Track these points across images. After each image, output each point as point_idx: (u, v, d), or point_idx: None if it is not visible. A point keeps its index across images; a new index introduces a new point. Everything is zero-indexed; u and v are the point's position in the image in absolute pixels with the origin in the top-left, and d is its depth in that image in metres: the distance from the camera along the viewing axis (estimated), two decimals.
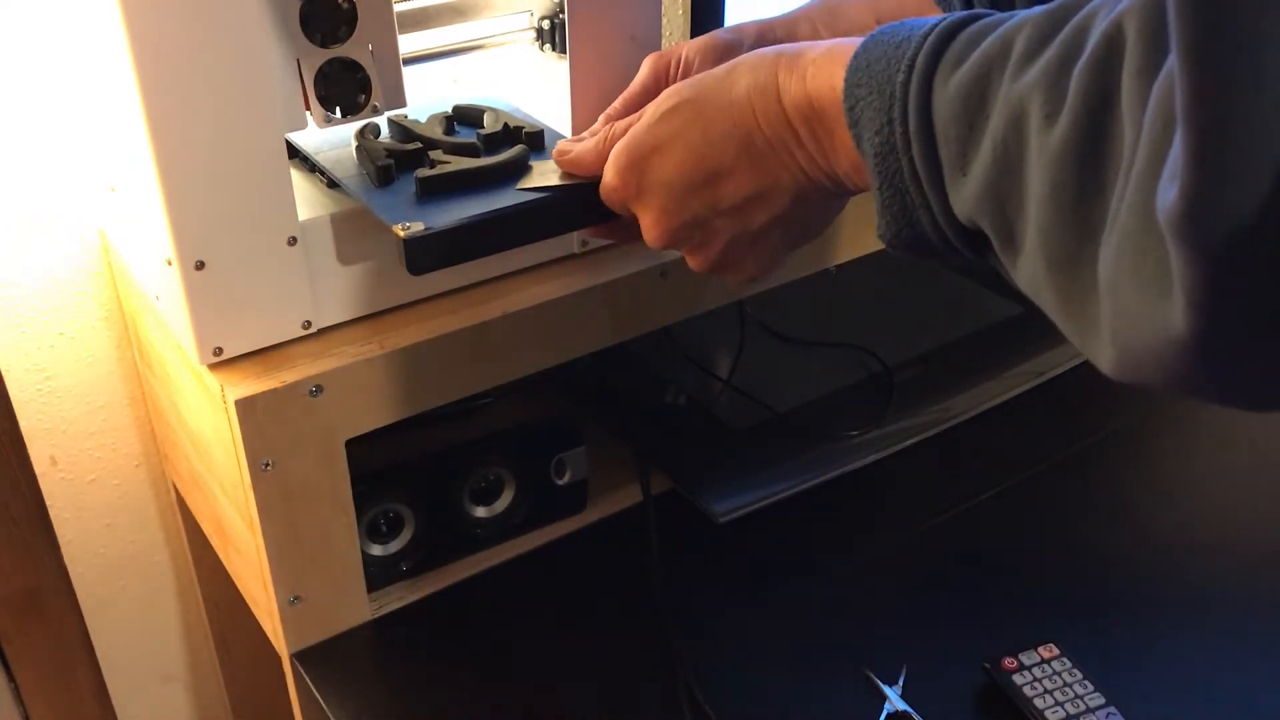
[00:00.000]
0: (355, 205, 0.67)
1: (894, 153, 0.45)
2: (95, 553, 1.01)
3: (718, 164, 0.53)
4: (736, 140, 0.52)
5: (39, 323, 0.90)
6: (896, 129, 0.44)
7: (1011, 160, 0.40)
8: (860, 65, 0.46)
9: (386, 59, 0.66)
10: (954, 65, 0.42)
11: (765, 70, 0.51)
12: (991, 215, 0.41)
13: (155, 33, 0.57)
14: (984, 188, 0.41)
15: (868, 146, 0.46)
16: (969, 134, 0.41)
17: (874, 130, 0.45)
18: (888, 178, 0.46)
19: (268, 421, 0.66)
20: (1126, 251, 0.34)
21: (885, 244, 0.48)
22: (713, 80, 0.54)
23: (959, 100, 0.42)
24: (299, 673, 0.74)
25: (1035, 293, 0.41)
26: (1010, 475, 0.89)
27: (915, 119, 0.43)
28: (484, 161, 0.64)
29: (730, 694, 0.70)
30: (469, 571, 0.81)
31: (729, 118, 0.52)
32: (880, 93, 0.45)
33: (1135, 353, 0.36)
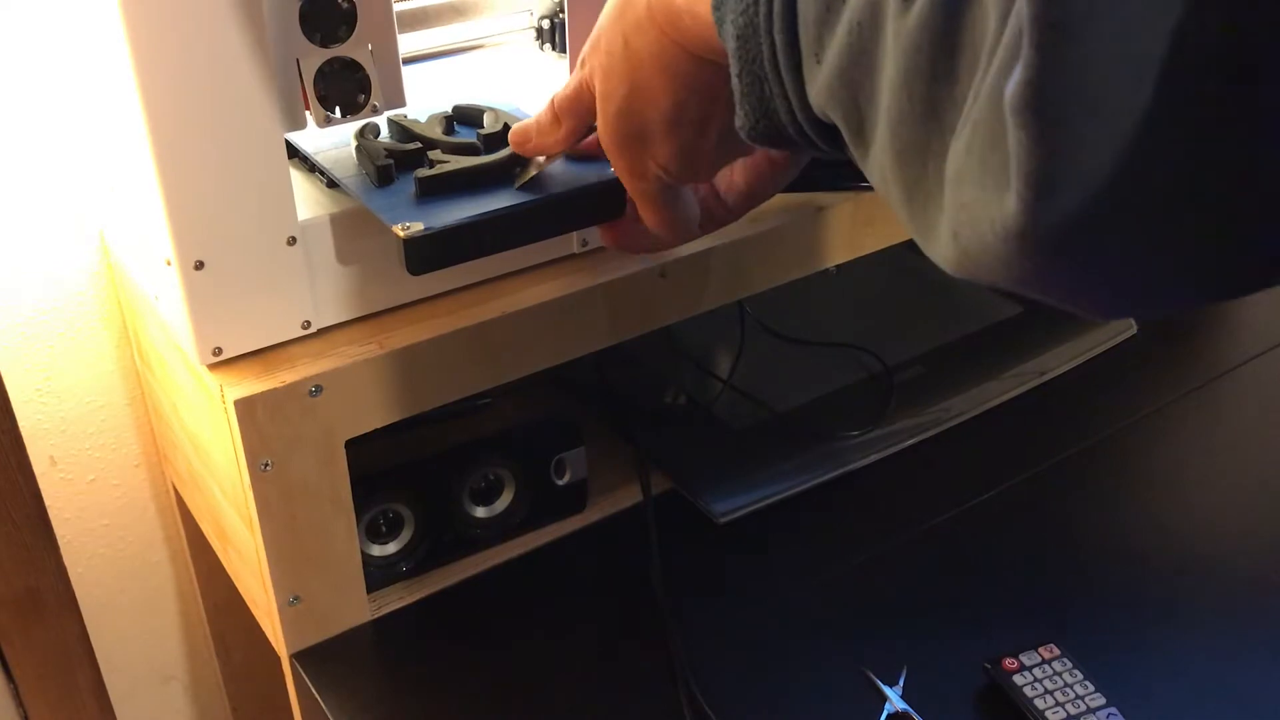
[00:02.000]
0: (355, 205, 0.67)
1: (756, 35, 0.43)
2: (95, 553, 1.01)
3: (697, 120, 0.53)
4: (690, 100, 0.52)
5: (38, 323, 0.90)
6: (761, 9, 0.42)
7: (866, 45, 0.38)
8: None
9: (386, 59, 0.66)
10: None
11: (651, 35, 0.51)
12: (844, 105, 0.40)
13: (155, 32, 0.57)
14: (837, 75, 0.39)
15: (729, 28, 0.44)
16: (826, 15, 0.39)
17: (738, 12, 0.43)
18: (747, 63, 0.44)
19: (267, 422, 0.66)
20: (976, 142, 0.33)
21: (743, 135, 0.46)
22: (620, 64, 0.53)
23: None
24: (298, 673, 0.74)
25: (883, 188, 0.40)
26: (1010, 475, 0.89)
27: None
28: (483, 160, 0.64)
29: (730, 694, 0.70)
30: (469, 571, 0.81)
31: (667, 90, 0.52)
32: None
33: (975, 251, 0.35)
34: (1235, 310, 1.13)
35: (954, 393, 0.97)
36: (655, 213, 0.59)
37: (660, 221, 0.59)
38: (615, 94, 0.54)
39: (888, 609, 0.77)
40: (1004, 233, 0.32)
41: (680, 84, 0.51)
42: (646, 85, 0.52)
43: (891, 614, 0.77)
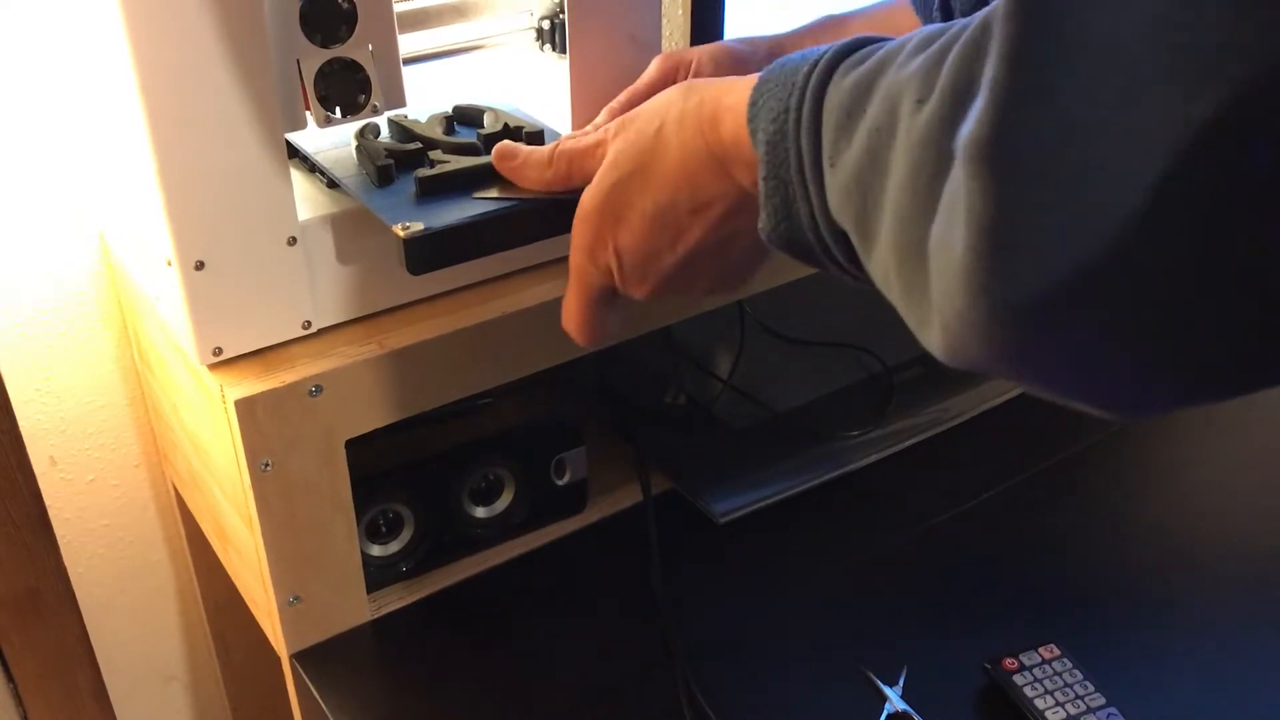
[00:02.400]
0: (355, 205, 0.67)
1: (784, 141, 0.45)
2: (95, 553, 1.01)
3: (676, 224, 0.53)
4: (684, 204, 0.52)
5: (39, 323, 0.90)
6: (791, 116, 0.44)
7: (880, 149, 0.39)
8: (773, 68, 0.47)
9: (386, 59, 0.66)
10: (857, 63, 0.43)
11: (690, 128, 0.51)
12: (855, 206, 0.41)
13: (155, 32, 0.57)
14: (852, 177, 0.41)
15: (761, 136, 0.46)
16: (847, 122, 0.41)
17: (770, 119, 0.45)
18: (774, 167, 0.45)
19: (267, 421, 0.66)
20: (944, 214, 0.34)
21: (764, 238, 0.47)
22: (646, 143, 0.53)
23: (848, 90, 0.42)
24: (298, 673, 0.74)
25: (886, 286, 0.41)
26: (1010, 475, 0.89)
27: (809, 106, 0.43)
28: (483, 160, 0.64)
29: (730, 694, 0.70)
30: (469, 571, 0.81)
31: (671, 186, 0.52)
32: (783, 86, 0.45)
33: (954, 326, 0.35)
34: None
35: (953, 393, 0.97)
36: (581, 305, 0.58)
37: (580, 316, 0.58)
38: (622, 167, 0.54)
39: (888, 609, 0.77)
40: (962, 285, 0.33)
41: (684, 183, 0.52)
42: (654, 173, 0.52)
43: (891, 614, 0.77)
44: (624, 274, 0.55)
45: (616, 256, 0.55)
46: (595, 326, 0.59)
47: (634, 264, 0.54)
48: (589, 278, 0.57)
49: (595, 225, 0.55)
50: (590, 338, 0.59)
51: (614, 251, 0.55)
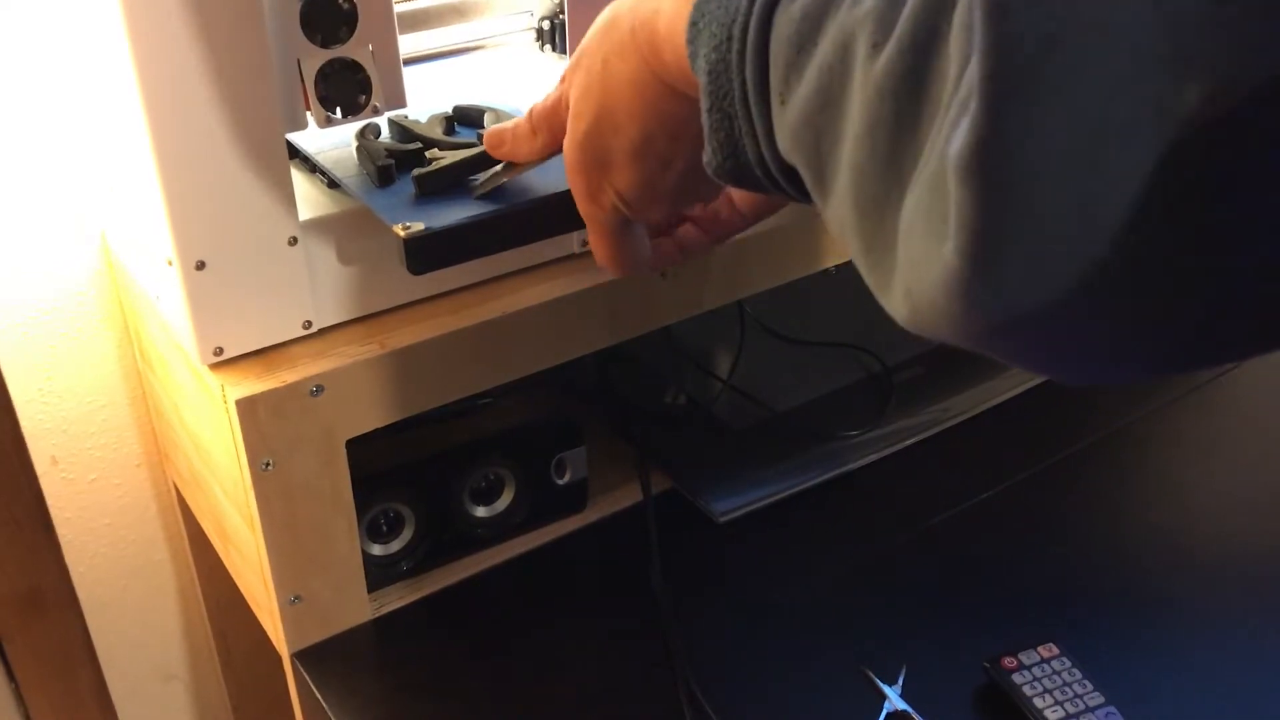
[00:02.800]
0: (355, 205, 0.67)
1: (728, 71, 0.42)
2: (95, 552, 1.01)
3: (661, 153, 0.52)
4: (659, 134, 0.51)
5: (40, 323, 0.90)
6: (734, 46, 0.41)
7: (834, 92, 0.37)
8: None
9: (387, 59, 0.66)
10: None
11: (633, 60, 0.50)
12: (807, 150, 0.39)
13: (155, 33, 0.57)
14: (802, 119, 0.38)
15: (703, 64, 0.43)
16: (796, 58, 0.38)
17: (711, 47, 0.42)
18: (718, 99, 0.43)
19: (268, 421, 0.66)
20: (926, 194, 0.33)
21: (710, 171, 0.45)
22: (596, 84, 0.52)
23: (797, 22, 0.39)
24: (299, 672, 0.74)
25: (842, 238, 0.39)
26: (1010, 475, 0.89)
27: (754, 36, 0.40)
28: (477, 150, 0.64)
29: (730, 694, 0.70)
30: (469, 571, 0.81)
31: (639, 120, 0.51)
32: (726, 8, 0.42)
33: (924, 307, 0.34)
34: None
35: (953, 393, 0.97)
36: (604, 243, 0.58)
37: (607, 253, 0.58)
38: (586, 114, 0.53)
39: (888, 609, 0.78)
40: (946, 290, 0.32)
41: (651, 115, 0.50)
42: (618, 111, 0.51)
43: (891, 614, 0.77)
44: (632, 208, 0.55)
45: (618, 195, 0.54)
46: (626, 256, 0.59)
47: (636, 197, 0.54)
48: (600, 218, 0.57)
49: (585, 175, 0.54)
50: (625, 267, 0.59)
51: (613, 193, 0.54)
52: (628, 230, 0.57)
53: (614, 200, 0.55)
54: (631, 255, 0.59)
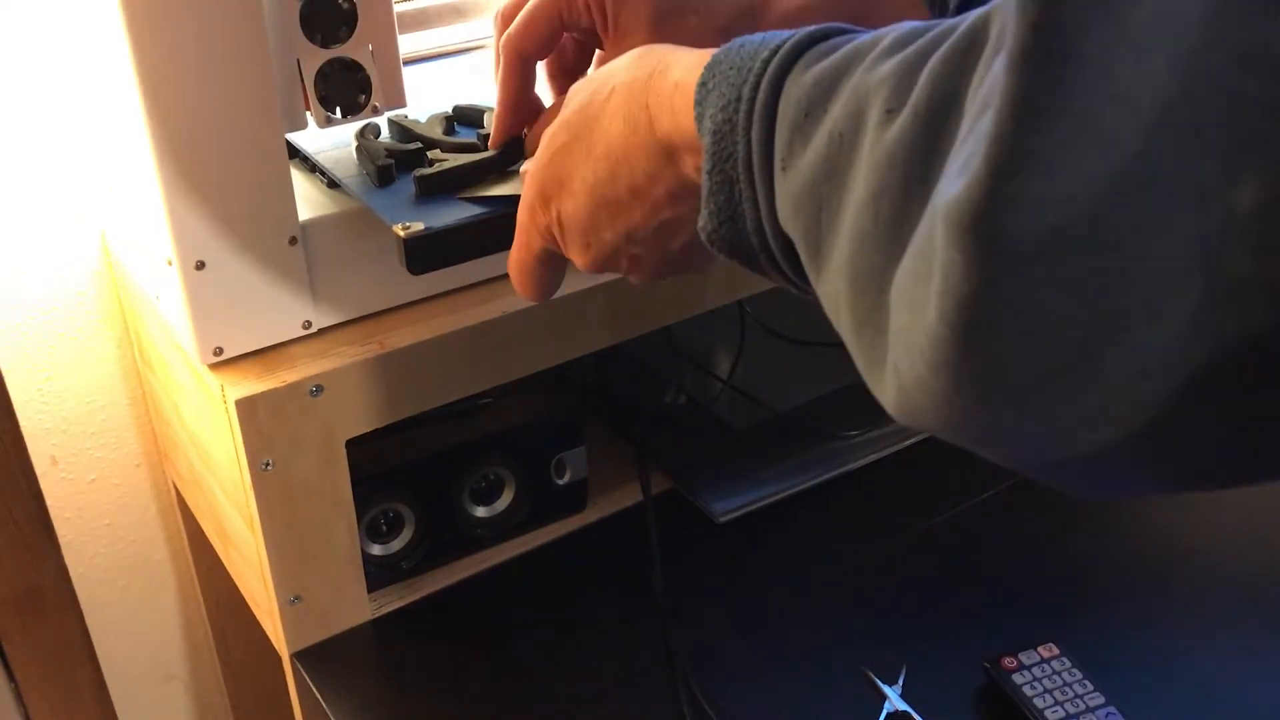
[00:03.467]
0: (355, 205, 0.67)
1: (733, 133, 0.40)
2: (95, 553, 1.01)
3: (616, 201, 0.49)
4: (623, 181, 0.48)
5: (39, 323, 0.90)
6: (743, 106, 0.39)
7: (841, 159, 0.35)
8: (730, 48, 0.42)
9: (386, 59, 0.66)
10: (823, 54, 0.38)
11: (637, 100, 0.47)
12: (807, 219, 0.36)
13: (156, 32, 0.57)
14: (805, 187, 0.36)
15: (708, 124, 0.41)
16: (804, 123, 0.37)
17: (719, 106, 0.40)
18: (720, 161, 0.40)
19: (268, 421, 0.66)
20: (916, 261, 0.30)
21: (704, 238, 0.43)
22: (595, 108, 0.49)
23: (810, 85, 0.37)
24: (299, 672, 0.74)
25: (835, 315, 0.37)
26: (1010, 475, 0.89)
27: (764, 98, 0.38)
28: (481, 156, 0.64)
29: (730, 694, 0.70)
30: (469, 571, 0.81)
31: (611, 159, 0.48)
32: (738, 70, 0.40)
33: (910, 386, 0.31)
34: None
35: None
36: (521, 258, 0.55)
37: (520, 271, 0.56)
38: (572, 128, 0.50)
39: (888, 609, 0.77)
40: (931, 360, 0.29)
41: (624, 159, 0.48)
42: (598, 141, 0.49)
43: (891, 614, 0.77)
44: (565, 239, 0.52)
45: (558, 221, 0.52)
46: (534, 283, 0.56)
47: (574, 231, 0.51)
48: (530, 236, 0.54)
49: (540, 184, 0.52)
50: (528, 293, 0.56)
51: (555, 215, 0.52)
52: (549, 260, 0.55)
53: (552, 225, 0.52)
54: (540, 284, 0.56)
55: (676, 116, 0.44)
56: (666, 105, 0.45)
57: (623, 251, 0.51)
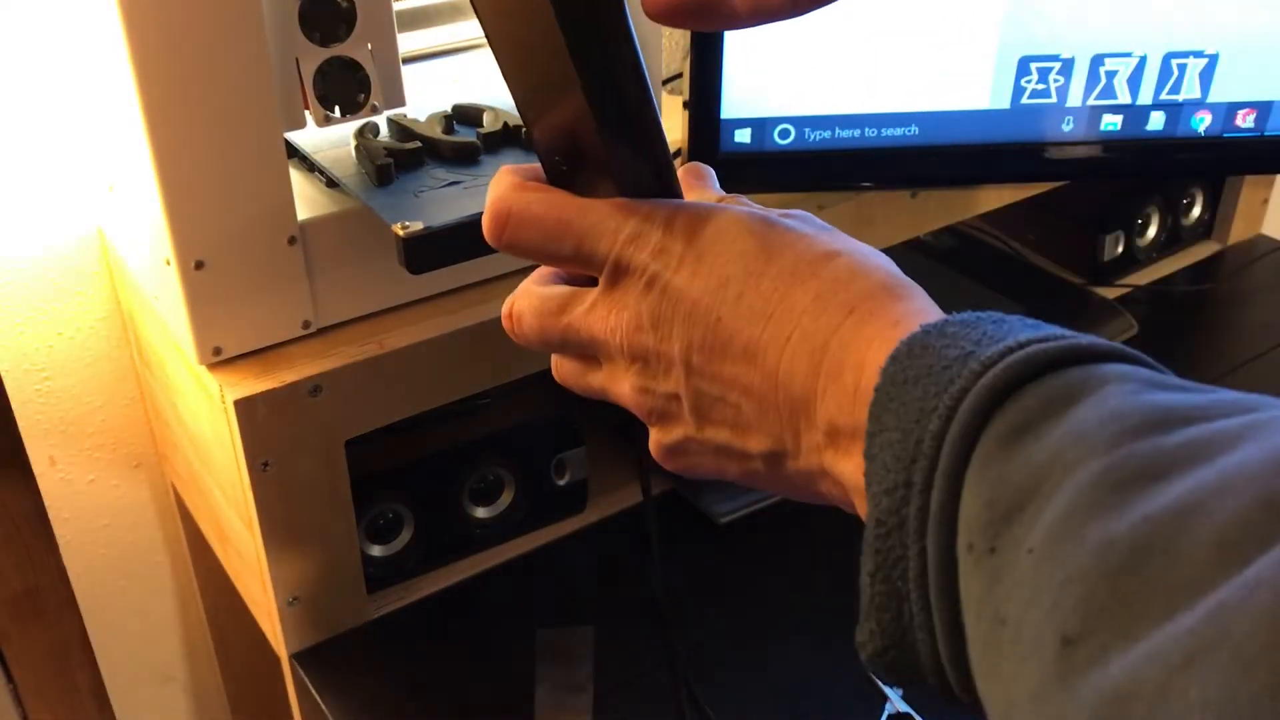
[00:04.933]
0: (355, 205, 0.67)
1: (902, 528, 0.30)
2: (95, 553, 1.01)
3: (728, 425, 0.38)
4: (754, 430, 0.37)
5: (38, 323, 0.90)
6: (913, 502, 0.29)
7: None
8: (908, 360, 0.31)
9: (386, 58, 0.66)
10: (1012, 435, 0.28)
11: (803, 353, 0.35)
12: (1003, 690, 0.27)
13: (154, 32, 0.57)
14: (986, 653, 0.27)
15: (871, 506, 0.31)
16: (1003, 541, 0.27)
17: (883, 489, 0.30)
18: (885, 565, 0.30)
19: (267, 422, 0.66)
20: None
21: (864, 658, 0.32)
22: (751, 309, 0.36)
23: (1011, 491, 0.27)
24: (298, 673, 0.74)
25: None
26: None
27: (940, 491, 0.29)
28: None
29: (730, 694, 0.70)
30: (469, 571, 0.81)
31: (753, 393, 0.36)
32: (905, 434, 0.30)
33: None
34: (1236, 311, 1.13)
35: None
36: (564, 373, 0.42)
37: (557, 367, 0.43)
38: (694, 276, 0.36)
39: None
40: None
41: (769, 409, 0.36)
42: (753, 352, 0.36)
43: None
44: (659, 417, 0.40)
45: (629, 387, 0.39)
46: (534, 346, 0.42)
47: (657, 402, 0.39)
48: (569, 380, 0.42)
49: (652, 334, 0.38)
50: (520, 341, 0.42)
51: (647, 357, 0.38)
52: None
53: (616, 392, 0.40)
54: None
55: (840, 420, 0.34)
56: (836, 390, 0.34)
57: (689, 449, 0.40)
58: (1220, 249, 1.22)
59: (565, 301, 0.40)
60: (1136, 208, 1.14)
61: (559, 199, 0.38)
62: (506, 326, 0.42)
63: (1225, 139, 0.82)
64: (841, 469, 0.34)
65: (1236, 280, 1.17)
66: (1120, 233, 1.12)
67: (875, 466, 0.31)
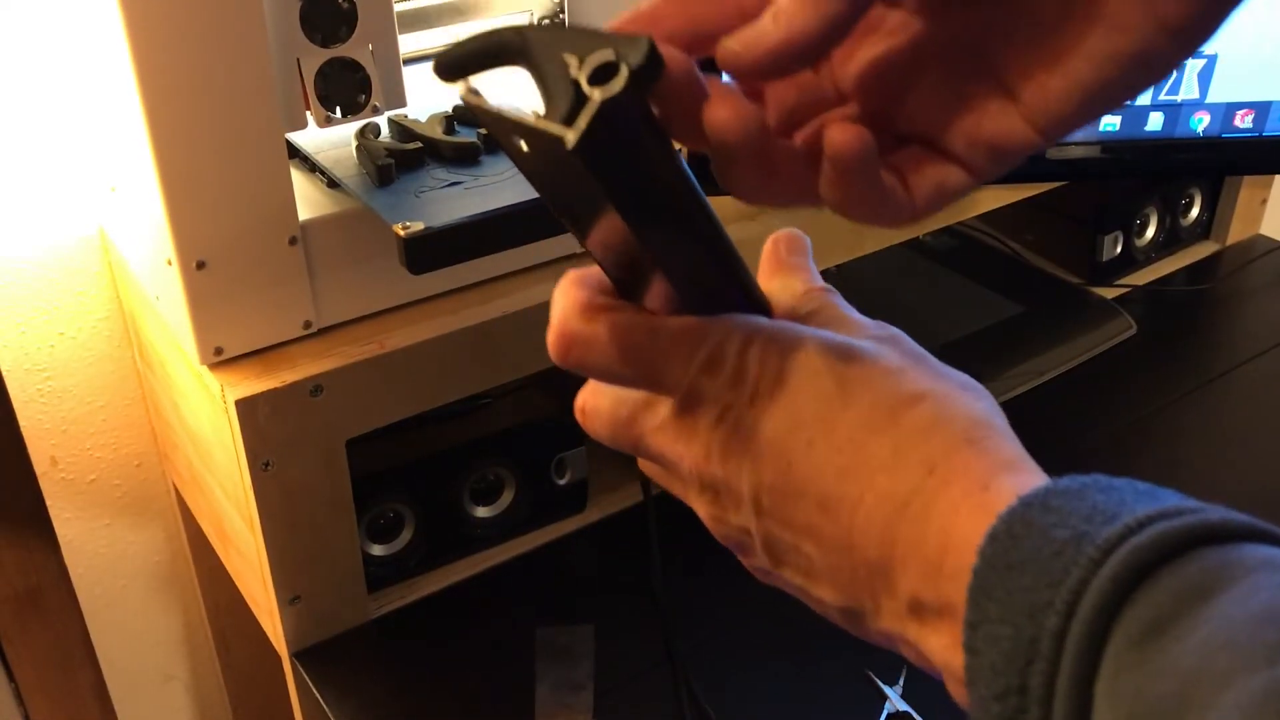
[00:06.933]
0: (356, 205, 0.67)
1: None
2: (95, 553, 1.01)
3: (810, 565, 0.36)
4: (844, 587, 0.35)
5: (39, 323, 0.90)
6: (1032, 708, 0.27)
7: None
8: (995, 561, 0.29)
9: (387, 59, 0.66)
10: (1146, 637, 0.25)
11: (888, 515, 0.32)
12: None
13: (155, 32, 0.57)
14: None
15: (978, 710, 0.29)
16: None
17: (993, 691, 0.28)
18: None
19: (268, 421, 0.66)
20: None
21: None
22: (839, 449, 0.34)
23: (1141, 700, 0.24)
24: (299, 672, 0.74)
25: None
26: None
27: (1067, 700, 0.26)
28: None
29: (730, 694, 0.70)
30: (469, 571, 0.81)
31: (832, 547, 0.34)
32: (1018, 630, 0.27)
33: None
34: (1234, 311, 1.13)
35: None
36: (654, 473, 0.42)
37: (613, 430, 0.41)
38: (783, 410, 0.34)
39: None
40: None
41: (851, 552, 0.34)
42: (841, 497, 0.33)
43: None
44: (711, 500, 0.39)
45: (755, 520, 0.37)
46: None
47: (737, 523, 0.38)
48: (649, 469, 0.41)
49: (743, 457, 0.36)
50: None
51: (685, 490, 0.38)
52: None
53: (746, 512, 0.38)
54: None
55: (928, 590, 0.31)
56: (918, 561, 0.31)
57: (771, 578, 0.40)
58: (1219, 249, 1.22)
59: (637, 411, 0.38)
60: (1135, 208, 1.14)
61: (626, 322, 0.36)
62: (580, 420, 0.41)
63: (1224, 139, 0.82)
64: (929, 645, 0.32)
65: (1235, 280, 1.17)
66: (1119, 233, 1.13)
67: (980, 664, 0.28)
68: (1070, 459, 0.90)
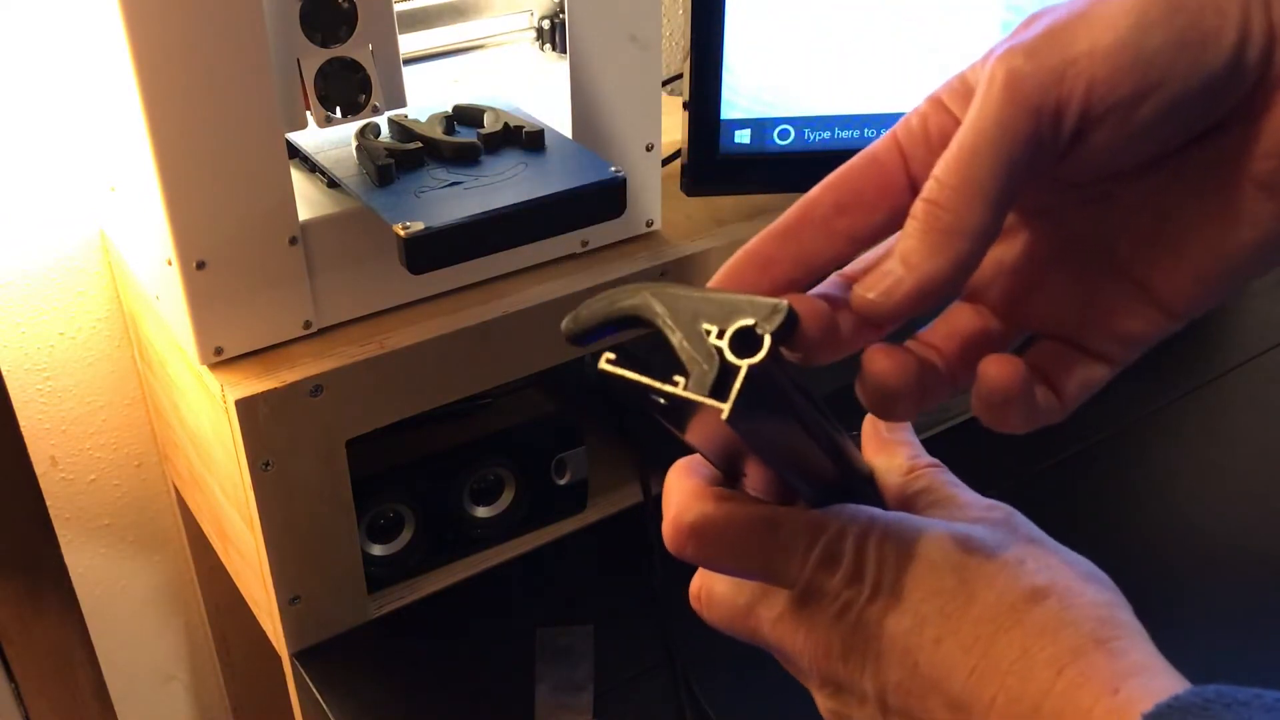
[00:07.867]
0: (356, 205, 0.67)
1: None
2: (96, 553, 1.01)
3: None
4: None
5: (39, 323, 0.90)
6: None
7: None
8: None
9: (387, 59, 0.66)
10: None
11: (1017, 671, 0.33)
12: None
13: (155, 32, 0.57)
14: None
15: None
16: None
17: None
18: None
19: (268, 421, 0.66)
20: None
21: None
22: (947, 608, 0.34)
23: None
24: (299, 672, 0.74)
25: None
26: (1010, 475, 0.89)
27: None
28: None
29: (730, 694, 0.70)
30: (469, 571, 0.81)
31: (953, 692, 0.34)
32: None
33: None
34: (1234, 311, 1.13)
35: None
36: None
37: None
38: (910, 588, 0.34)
39: None
40: None
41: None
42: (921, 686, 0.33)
43: None
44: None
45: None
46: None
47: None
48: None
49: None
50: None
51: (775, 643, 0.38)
52: None
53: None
54: None
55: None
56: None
57: None
58: None
59: (755, 601, 0.38)
60: None
61: (742, 513, 0.36)
62: (694, 605, 0.41)
63: None
64: None
65: None
66: None
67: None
68: (1070, 460, 0.90)
